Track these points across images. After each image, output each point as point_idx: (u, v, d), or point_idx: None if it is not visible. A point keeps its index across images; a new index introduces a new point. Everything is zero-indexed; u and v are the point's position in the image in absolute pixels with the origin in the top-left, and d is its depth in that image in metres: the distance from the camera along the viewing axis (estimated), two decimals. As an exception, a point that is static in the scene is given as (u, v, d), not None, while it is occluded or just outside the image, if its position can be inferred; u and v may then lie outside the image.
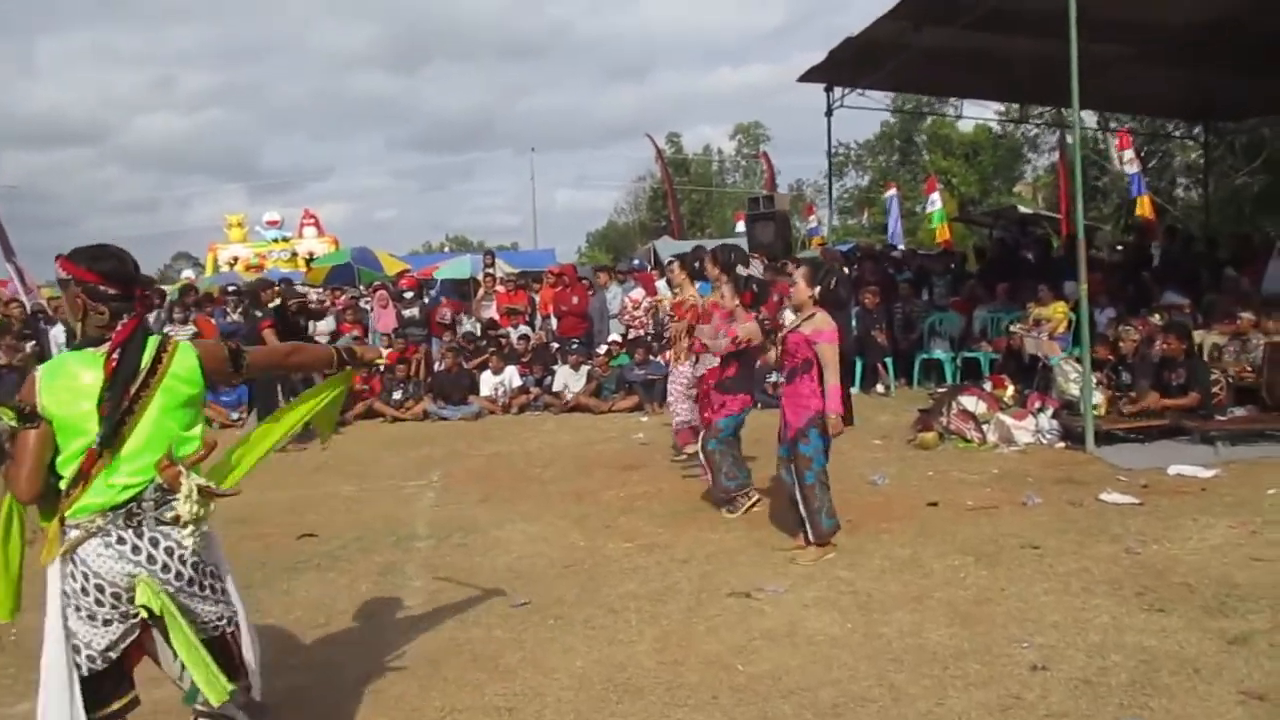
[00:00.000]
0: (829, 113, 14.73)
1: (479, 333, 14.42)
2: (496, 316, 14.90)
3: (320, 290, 18.27)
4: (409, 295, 15.26)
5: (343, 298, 16.23)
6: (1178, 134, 22.59)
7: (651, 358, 12.46)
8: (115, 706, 2.92)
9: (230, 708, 2.89)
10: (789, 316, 6.18)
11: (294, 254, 31.41)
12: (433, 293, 15.45)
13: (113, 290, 2.89)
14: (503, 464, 9.21)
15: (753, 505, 6.64)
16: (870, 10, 11.93)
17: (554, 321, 14.36)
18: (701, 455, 6.83)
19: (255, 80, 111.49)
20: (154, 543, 2.84)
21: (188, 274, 31.66)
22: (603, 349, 13.00)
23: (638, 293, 13.71)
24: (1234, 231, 17.97)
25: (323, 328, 14.83)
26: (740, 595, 5.08)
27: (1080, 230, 8.53)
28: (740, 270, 7.34)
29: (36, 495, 2.82)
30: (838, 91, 14.63)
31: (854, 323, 11.99)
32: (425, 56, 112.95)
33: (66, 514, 2.81)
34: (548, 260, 25.31)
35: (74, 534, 2.81)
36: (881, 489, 7.29)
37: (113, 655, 2.86)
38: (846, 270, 5.90)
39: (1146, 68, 12.56)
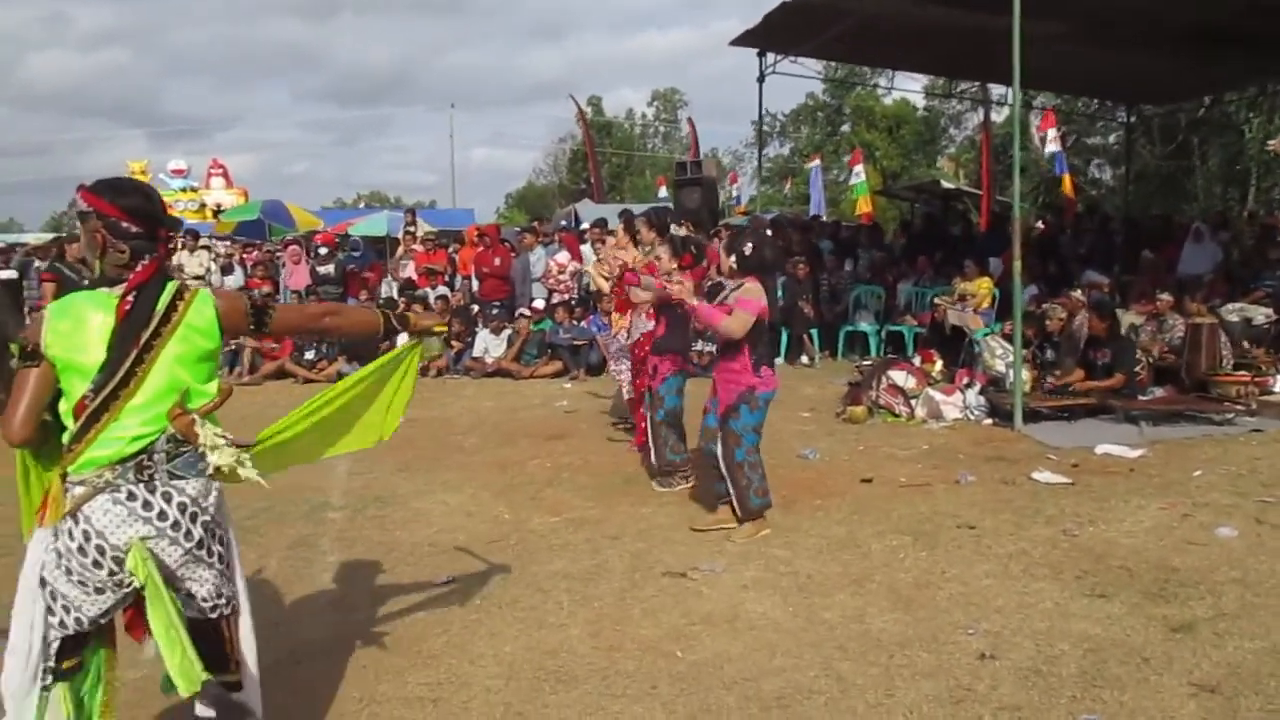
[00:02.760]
0: (760, 79, 14.52)
1: (396, 293, 13.94)
2: (414, 276, 14.42)
3: (227, 244, 17.56)
4: (324, 252, 14.68)
5: (254, 252, 15.59)
6: (1101, 115, 22.99)
7: (575, 321, 12.18)
8: (64, 665, 2.65)
9: (202, 703, 2.70)
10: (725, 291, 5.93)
11: (202, 205, 30.29)
12: (355, 252, 14.84)
13: (136, 228, 2.65)
14: (421, 430, 8.83)
15: (686, 486, 6.44)
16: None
17: (474, 283, 13.94)
18: (649, 426, 6.60)
19: (156, 21, 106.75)
20: (167, 497, 2.59)
21: (85, 222, 30.24)
22: (528, 312, 12.65)
23: (563, 255, 13.37)
24: (1151, 214, 18.35)
25: (231, 282, 14.23)
26: (675, 575, 4.87)
27: (1016, 207, 8.47)
28: (675, 230, 7.09)
29: (29, 439, 2.61)
30: (770, 58, 14.41)
31: (780, 293, 11.87)
32: (337, 4, 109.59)
33: (70, 468, 2.54)
34: (466, 220, 24.76)
35: (79, 490, 2.54)
36: (813, 463, 7.16)
37: (102, 622, 2.64)
38: (770, 234, 5.66)
39: (1078, 47, 12.60)
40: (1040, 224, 15.94)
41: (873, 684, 3.67)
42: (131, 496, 2.56)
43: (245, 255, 15.43)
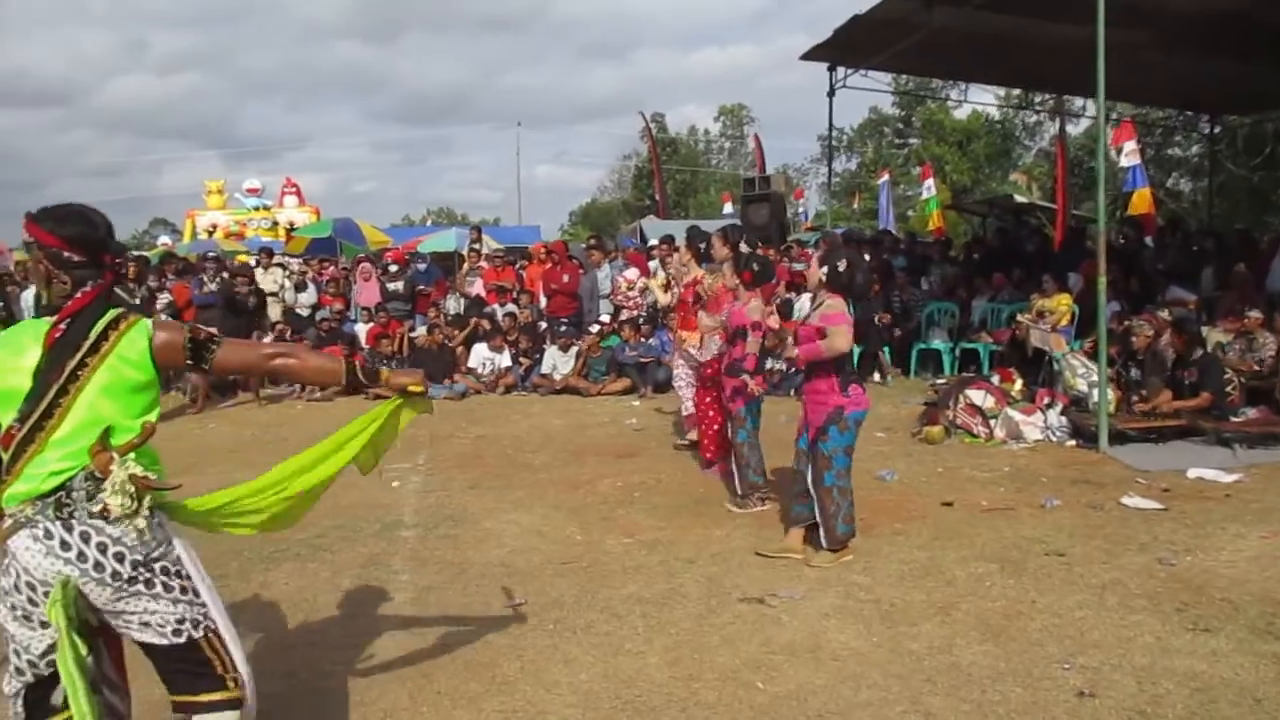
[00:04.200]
0: (831, 93, 14.28)
1: (463, 310, 14.01)
2: (483, 293, 14.48)
3: (300, 260, 17.82)
4: (394, 269, 14.81)
5: (330, 269, 15.79)
6: (1182, 126, 22.33)
7: (643, 339, 12.10)
8: (66, 715, 2.52)
9: None
10: (805, 304, 5.82)
11: (275, 223, 30.89)
12: (420, 266, 14.96)
13: (77, 257, 2.55)
14: (491, 448, 8.83)
15: (762, 508, 6.32)
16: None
17: (543, 300, 13.95)
18: (732, 448, 6.51)
19: (229, 45, 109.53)
20: (85, 537, 2.48)
21: (164, 240, 31.06)
22: (594, 329, 12.61)
23: (631, 272, 13.31)
24: (1238, 227, 17.72)
25: (304, 300, 14.42)
26: (753, 601, 4.74)
27: (1101, 220, 8.19)
28: (742, 248, 7.00)
29: None
30: (840, 72, 14.22)
31: (851, 308, 11.66)
32: (401, 27, 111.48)
33: (2, 502, 2.50)
34: (532, 237, 24.88)
35: (7, 524, 2.49)
36: (891, 485, 6.97)
37: (54, 659, 2.50)
38: (866, 257, 5.50)
39: (1157, 56, 12.20)
40: (1121, 239, 15.45)
41: (965, 721, 3.51)
42: (49, 535, 2.45)
43: (322, 272, 15.63)
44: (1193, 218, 20.75)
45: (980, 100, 24.74)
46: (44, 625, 2.48)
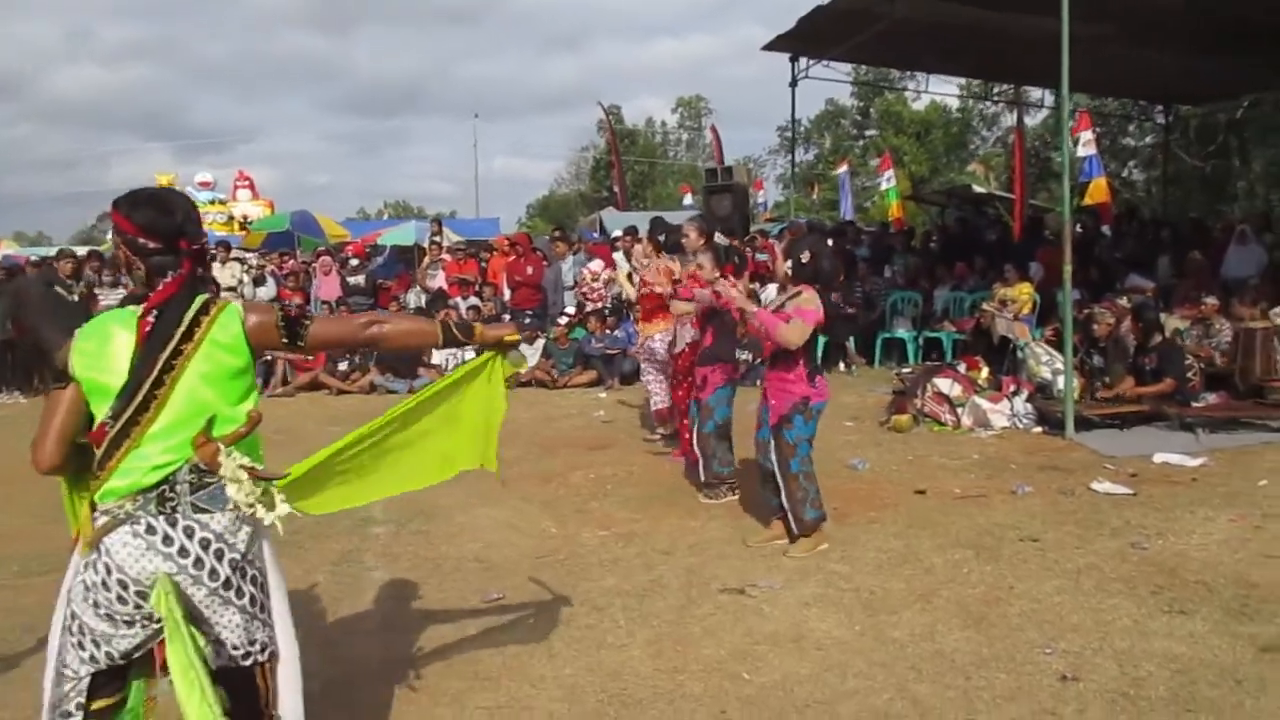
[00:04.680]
0: (793, 84, 14.35)
1: (424, 303, 13.86)
2: (445, 286, 14.34)
3: (258, 254, 17.56)
4: (354, 262, 14.63)
5: (290, 263, 15.56)
6: (1137, 116, 22.63)
7: (609, 331, 12.05)
8: (99, 704, 2.44)
9: None
10: (770, 295, 5.79)
11: (230, 217, 30.43)
12: (380, 260, 14.78)
13: (152, 243, 2.45)
14: (459, 441, 8.73)
15: (733, 498, 6.31)
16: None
17: (507, 293, 13.84)
18: (695, 439, 6.47)
19: (179, 36, 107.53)
20: (188, 533, 2.38)
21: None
22: (563, 320, 12.53)
23: (596, 264, 13.25)
24: (1191, 215, 18.02)
25: (263, 294, 14.20)
26: (733, 592, 4.72)
27: (1066, 209, 8.27)
28: (719, 238, 6.97)
29: (56, 465, 2.47)
30: (802, 62, 14.26)
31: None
32: (356, 17, 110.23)
33: (95, 497, 2.39)
34: (491, 229, 24.67)
35: (101, 520, 2.37)
36: (862, 474, 7.00)
37: (136, 655, 2.44)
38: (829, 242, 5.45)
39: (1116, 47, 12.35)
40: (1079, 228, 15.65)
41: (952, 708, 3.51)
42: (151, 530, 2.36)
43: (281, 265, 15.40)
44: (1146, 207, 21.05)
45: (940, 91, 24.95)
46: (128, 624, 2.38)
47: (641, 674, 3.87)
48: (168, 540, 2.36)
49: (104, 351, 2.38)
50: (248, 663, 2.49)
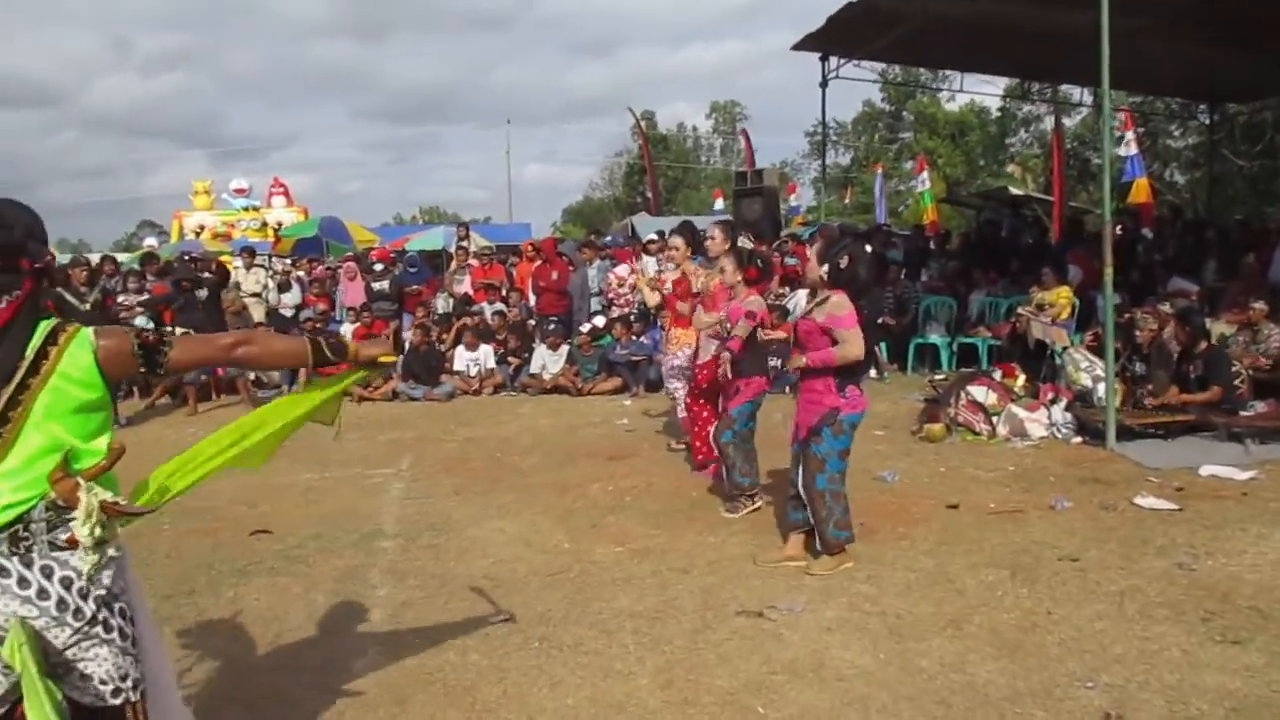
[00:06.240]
0: (824, 84, 14.08)
1: (451, 308, 13.71)
2: (470, 291, 14.18)
3: (289, 261, 17.53)
4: (379, 268, 14.50)
5: (318, 268, 15.50)
6: (1181, 115, 22.05)
7: (635, 337, 11.82)
8: None
9: None
10: (800, 300, 5.52)
11: (264, 223, 30.56)
12: (412, 269, 14.64)
13: None
14: (478, 450, 8.54)
15: (754, 509, 6.04)
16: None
17: (532, 298, 13.66)
18: (715, 447, 6.22)
19: (215, 45, 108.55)
20: (47, 572, 2.20)
21: (150, 242, 30.69)
22: (586, 327, 12.31)
23: (623, 269, 13.02)
24: (1237, 217, 17.48)
25: (288, 300, 14.13)
26: (751, 615, 4.46)
27: (1107, 210, 7.91)
28: (743, 243, 6.71)
29: None
30: (833, 62, 13.98)
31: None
32: (389, 25, 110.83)
33: None
34: (523, 235, 24.55)
35: None
36: (892, 486, 6.70)
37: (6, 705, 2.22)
38: (869, 248, 5.16)
39: (1160, 43, 11.98)
40: (1120, 229, 15.22)
41: (984, 748, 3.23)
42: (4, 572, 2.18)
43: (312, 270, 15.33)
44: (1189, 209, 20.49)
45: (975, 90, 24.45)
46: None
47: (649, 706, 3.62)
48: (23, 583, 2.18)
49: None
50: (118, 700, 2.31)
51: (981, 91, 26.29)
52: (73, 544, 2.22)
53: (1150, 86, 18.26)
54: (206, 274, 13.02)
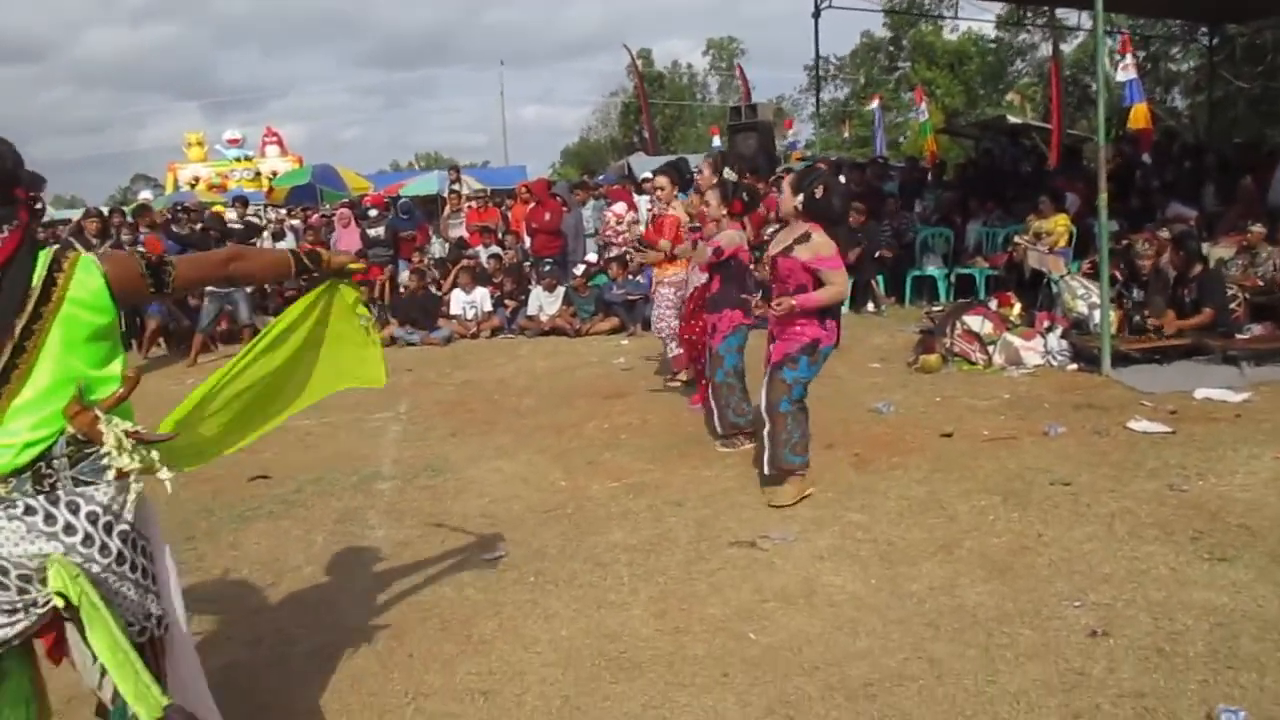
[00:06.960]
0: (816, 14, 13.85)
1: (447, 253, 13.65)
2: (465, 235, 14.12)
3: (284, 210, 17.43)
4: (373, 214, 14.41)
5: (314, 216, 15.41)
6: (1180, 37, 21.65)
7: (630, 276, 11.78)
8: None
9: None
10: (780, 235, 5.44)
11: (258, 173, 30.26)
12: (403, 215, 14.54)
13: None
14: (475, 393, 8.57)
15: (750, 446, 6.06)
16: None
17: (527, 241, 13.59)
18: (709, 387, 6.22)
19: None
20: (72, 508, 2.20)
21: (145, 195, 30.45)
22: (580, 269, 12.27)
23: (619, 207, 12.92)
24: (1237, 140, 17.26)
25: (283, 247, 14.05)
26: (744, 545, 4.50)
27: (1101, 136, 7.82)
28: (727, 174, 6.65)
29: None
30: (827, -9, 13.75)
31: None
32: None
33: None
34: (519, 178, 24.36)
35: None
36: (887, 417, 6.71)
37: (14, 644, 2.24)
38: (842, 179, 5.11)
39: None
40: (1118, 155, 15.03)
41: (971, 668, 3.28)
42: (30, 511, 2.17)
43: (307, 218, 15.25)
44: (1190, 133, 20.24)
45: (973, 18, 24.06)
46: (9, 613, 2.20)
47: (642, 635, 3.67)
48: (50, 519, 2.17)
49: None
50: (143, 638, 2.33)
51: (977, 18, 25.97)
52: (122, 476, 2.25)
53: (1149, 8, 17.93)
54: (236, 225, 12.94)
